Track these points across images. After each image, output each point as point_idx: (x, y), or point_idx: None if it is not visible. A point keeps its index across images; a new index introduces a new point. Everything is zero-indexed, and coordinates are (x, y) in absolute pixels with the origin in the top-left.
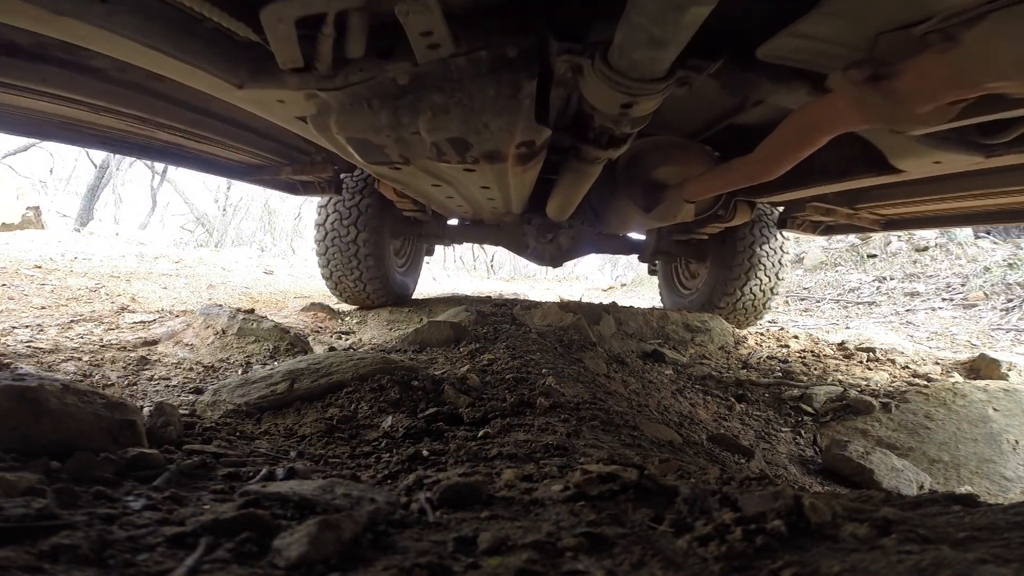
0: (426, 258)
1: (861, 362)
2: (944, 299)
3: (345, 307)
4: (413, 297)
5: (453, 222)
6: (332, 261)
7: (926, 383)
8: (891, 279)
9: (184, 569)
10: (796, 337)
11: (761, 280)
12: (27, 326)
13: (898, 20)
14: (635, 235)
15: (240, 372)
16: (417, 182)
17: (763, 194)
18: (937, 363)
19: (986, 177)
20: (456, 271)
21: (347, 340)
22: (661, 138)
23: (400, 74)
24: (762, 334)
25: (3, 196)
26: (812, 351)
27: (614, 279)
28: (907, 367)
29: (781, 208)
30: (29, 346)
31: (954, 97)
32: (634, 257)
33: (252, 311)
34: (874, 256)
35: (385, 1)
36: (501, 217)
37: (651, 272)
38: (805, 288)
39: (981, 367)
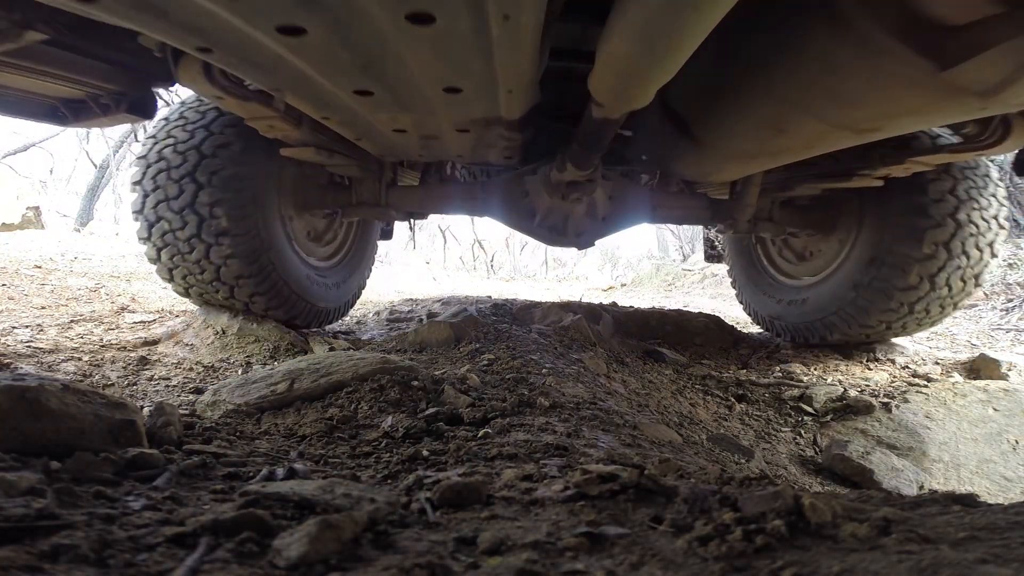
0: (426, 261)
1: (861, 362)
2: None
3: None
4: (415, 298)
5: (408, 184)
6: (157, 224)
7: (926, 383)
8: None
9: (184, 569)
10: None
11: (966, 261)
12: (27, 326)
13: None
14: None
15: (240, 372)
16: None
17: None
18: (937, 363)
19: None
20: (456, 271)
21: (347, 340)
22: None
23: None
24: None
25: (3, 196)
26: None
27: (614, 279)
28: (907, 367)
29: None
30: (29, 346)
31: None
32: (634, 256)
33: None
34: None
35: None
36: (480, 146)
37: (710, 257)
38: None
39: (981, 367)
